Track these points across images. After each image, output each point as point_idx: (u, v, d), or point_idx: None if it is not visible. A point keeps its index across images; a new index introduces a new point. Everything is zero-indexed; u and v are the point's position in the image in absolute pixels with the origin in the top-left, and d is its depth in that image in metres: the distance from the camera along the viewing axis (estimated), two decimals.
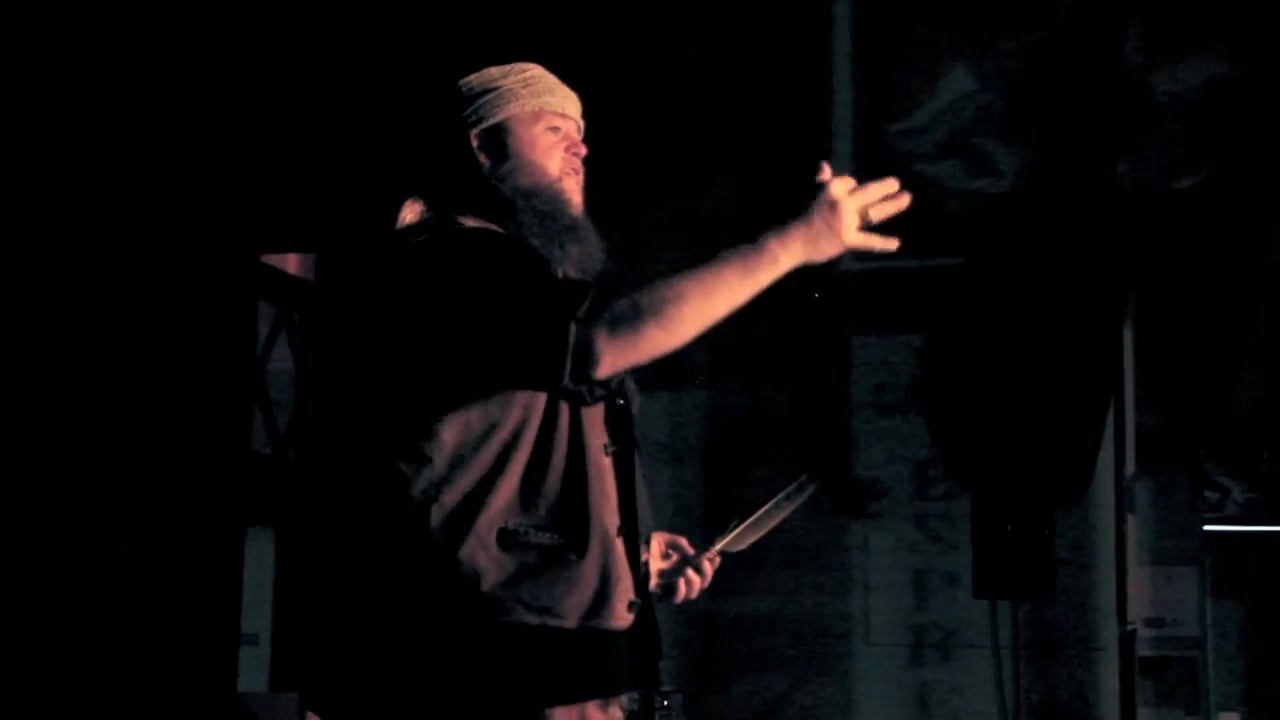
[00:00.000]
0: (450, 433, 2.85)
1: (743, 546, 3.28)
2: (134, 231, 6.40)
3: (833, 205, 2.86)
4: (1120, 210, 6.97)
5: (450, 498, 2.83)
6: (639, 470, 3.07)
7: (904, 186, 2.99)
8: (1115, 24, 7.23)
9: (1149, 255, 6.89)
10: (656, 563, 3.22)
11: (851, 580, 7.42)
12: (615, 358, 2.75)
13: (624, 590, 2.87)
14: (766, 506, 3.27)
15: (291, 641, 7.50)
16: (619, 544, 2.88)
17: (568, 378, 2.74)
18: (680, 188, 7.28)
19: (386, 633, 2.90)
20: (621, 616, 2.86)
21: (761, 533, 3.29)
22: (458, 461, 2.85)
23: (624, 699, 2.92)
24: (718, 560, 3.24)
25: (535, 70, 3.16)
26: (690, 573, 3.20)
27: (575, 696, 2.81)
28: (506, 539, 2.82)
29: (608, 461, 2.92)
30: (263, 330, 7.62)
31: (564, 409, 2.87)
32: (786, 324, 7.40)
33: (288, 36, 6.41)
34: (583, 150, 3.14)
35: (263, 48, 6.42)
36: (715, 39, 7.08)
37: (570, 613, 2.81)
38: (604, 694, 2.85)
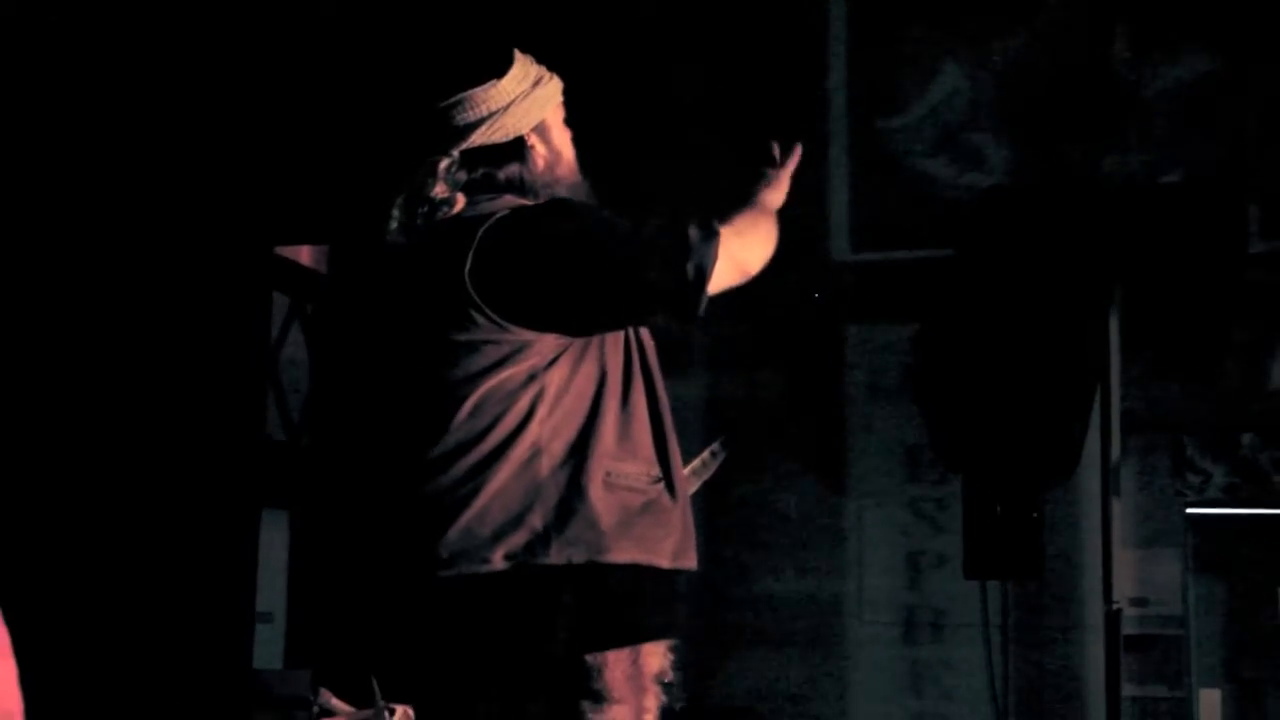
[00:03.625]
0: (553, 387, 2.92)
1: None
2: (153, 226, 6.40)
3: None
4: (1107, 204, 6.92)
5: (557, 446, 2.89)
6: None
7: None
8: (1103, 24, 7.23)
9: (1135, 248, 6.85)
10: None
11: (846, 561, 7.42)
12: (719, 282, 2.93)
13: (693, 535, 3.01)
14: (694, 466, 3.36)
15: (305, 619, 7.55)
16: (685, 490, 3.03)
17: (701, 308, 2.91)
18: (678, 182, 7.31)
19: (431, 589, 2.94)
20: (693, 560, 3.00)
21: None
22: (562, 413, 2.91)
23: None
24: None
25: (532, 62, 3.21)
26: None
27: (669, 632, 2.93)
28: (611, 483, 2.89)
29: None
30: (277, 320, 7.64)
31: (636, 364, 3.00)
32: (783, 313, 7.44)
33: (302, 36, 6.39)
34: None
35: (278, 50, 6.41)
36: (713, 38, 7.07)
37: (665, 553, 2.91)
38: (663, 635, 2.95)
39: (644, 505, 2.90)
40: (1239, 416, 6.98)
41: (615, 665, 2.85)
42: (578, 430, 2.90)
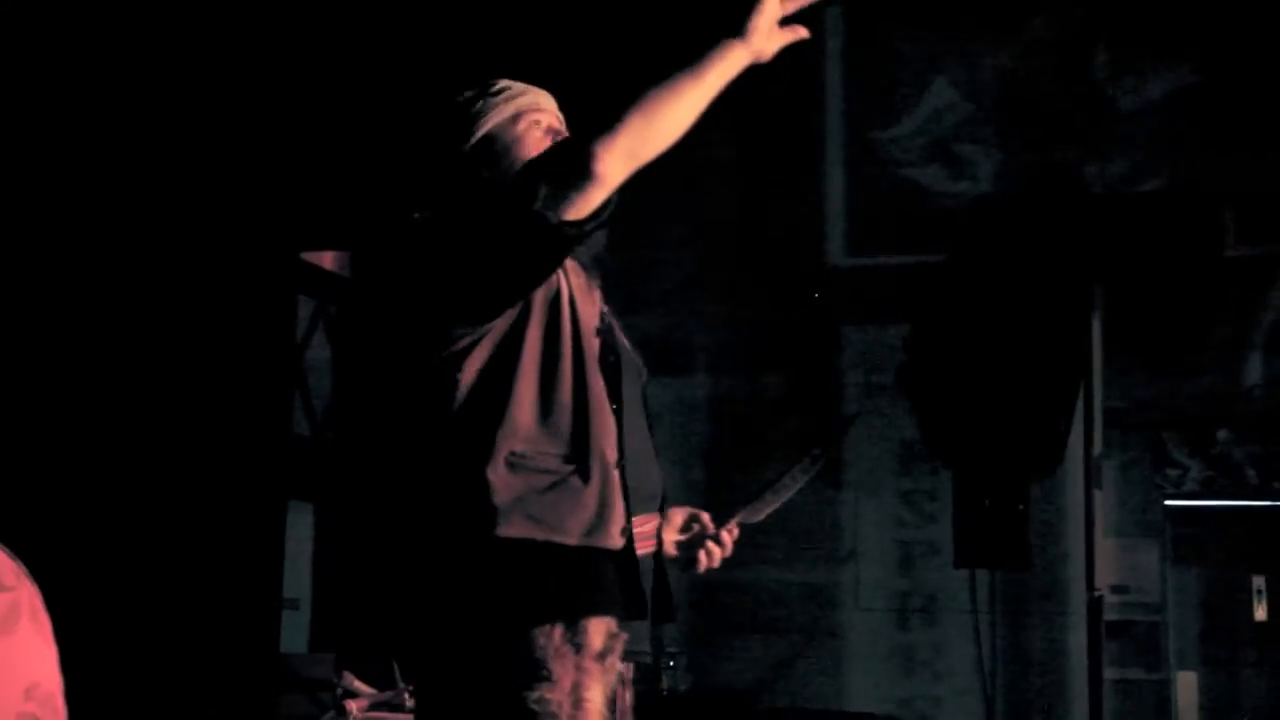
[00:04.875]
0: (469, 373, 2.91)
1: (759, 518, 3.29)
2: (186, 233, 6.43)
3: (760, 10, 2.96)
4: (1089, 211, 6.95)
5: (474, 430, 2.88)
6: (643, 428, 3.13)
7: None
8: (1085, 40, 7.22)
9: (1116, 252, 6.84)
10: (672, 534, 3.24)
11: (843, 551, 7.41)
12: (611, 159, 2.80)
13: (618, 516, 2.91)
14: (783, 480, 3.27)
15: (329, 606, 7.56)
16: (616, 475, 2.93)
17: (593, 168, 2.79)
18: (682, 190, 7.30)
19: (413, 568, 2.95)
20: (615, 538, 2.90)
21: (777, 504, 3.29)
22: (481, 399, 2.90)
23: (622, 652, 2.91)
24: (736, 532, 3.25)
25: (504, 82, 3.22)
26: (710, 544, 3.22)
27: (571, 611, 2.83)
28: (515, 462, 2.86)
29: (608, 403, 2.99)
30: (302, 321, 7.66)
31: (566, 351, 2.94)
32: (784, 315, 7.44)
33: (323, 60, 6.42)
34: (565, 133, 3.19)
35: (302, 73, 6.43)
36: (709, 49, 7.07)
37: (572, 531, 2.85)
38: (598, 612, 2.85)
39: (550, 485, 2.87)
40: (1215, 413, 6.96)
41: (539, 642, 2.80)
42: (489, 413, 2.89)
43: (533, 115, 3.18)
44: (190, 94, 6.29)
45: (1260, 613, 6.81)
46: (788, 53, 3.08)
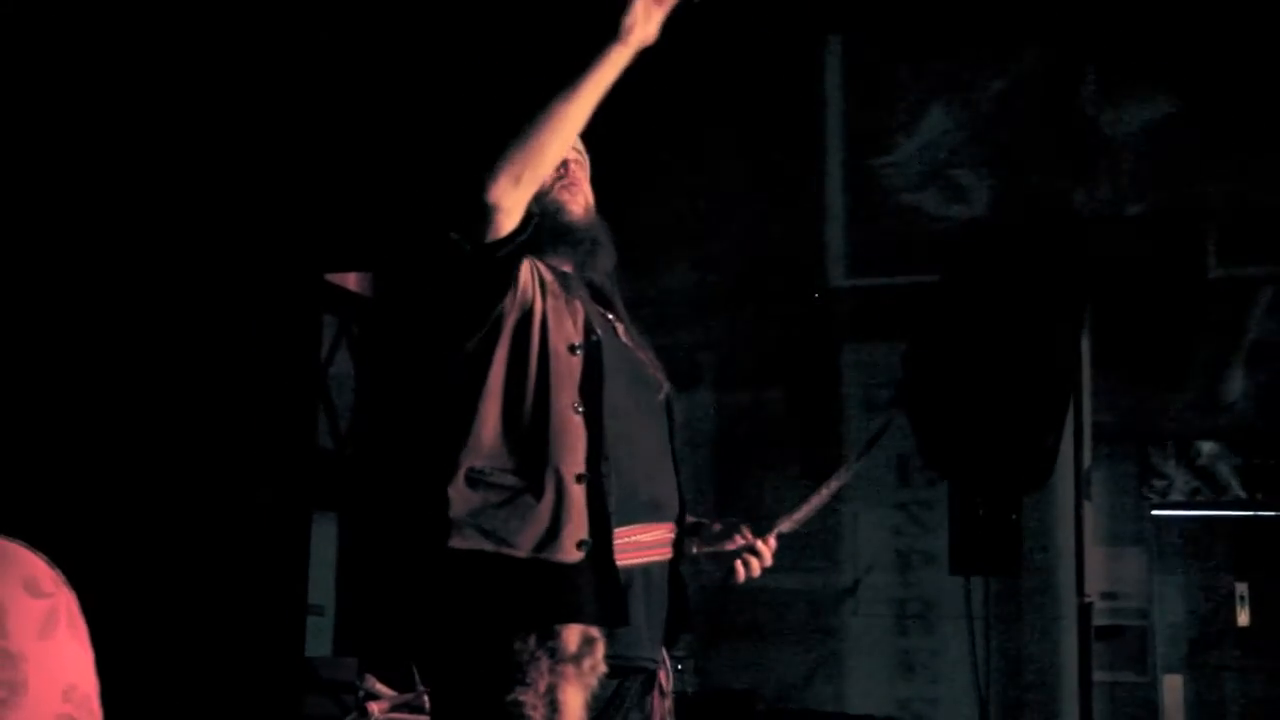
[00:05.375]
0: (446, 392, 2.99)
1: (794, 528, 3.26)
2: (217, 257, 6.47)
3: (631, 7, 2.90)
4: (1078, 234, 6.98)
5: (443, 446, 2.94)
6: (656, 440, 3.12)
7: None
8: (1073, 72, 7.25)
9: (1103, 274, 6.90)
10: (700, 545, 3.22)
11: (843, 559, 7.44)
12: (497, 187, 2.83)
13: (574, 530, 2.88)
14: (818, 492, 3.25)
15: (352, 612, 7.60)
16: (576, 490, 2.91)
17: (483, 198, 2.83)
18: (690, 216, 7.35)
19: (406, 577, 3.03)
20: (570, 552, 2.87)
21: (811, 515, 3.27)
22: (452, 416, 2.96)
23: (602, 653, 2.90)
24: (774, 543, 3.22)
25: None
26: (749, 556, 3.19)
27: (530, 619, 2.84)
28: (473, 478, 2.91)
29: (577, 419, 2.95)
30: (326, 340, 7.68)
31: (532, 371, 2.96)
32: (786, 332, 7.47)
33: (350, 90, 6.42)
34: (572, 166, 3.18)
35: (327, 109, 6.44)
36: (724, 85, 7.06)
37: (523, 544, 2.86)
38: (554, 619, 2.85)
39: (503, 500, 2.89)
40: (1199, 427, 6.99)
41: (516, 648, 2.83)
42: (456, 431, 2.94)
43: None
44: (225, 130, 6.31)
45: (1243, 618, 6.85)
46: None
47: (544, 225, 3.08)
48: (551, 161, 2.94)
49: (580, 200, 3.19)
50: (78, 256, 6.02)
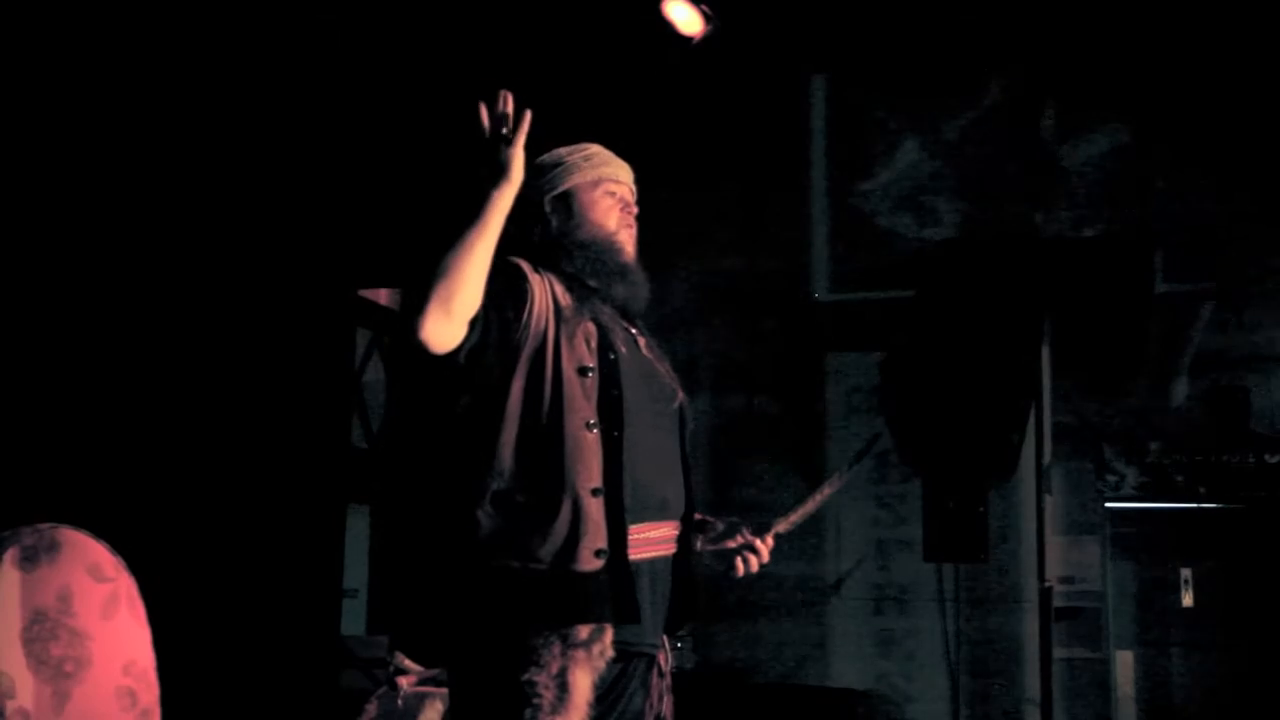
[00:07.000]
0: (470, 420, 2.97)
1: (789, 529, 3.25)
2: (259, 274, 6.46)
3: (508, 152, 2.86)
4: (1038, 254, 6.98)
5: (470, 472, 2.94)
6: (667, 445, 3.09)
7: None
8: (1034, 105, 7.24)
9: (1061, 290, 6.88)
10: (706, 542, 3.21)
11: (826, 548, 7.42)
12: (427, 324, 2.78)
13: (591, 541, 2.88)
14: (813, 495, 3.25)
15: (383, 595, 7.59)
16: (592, 504, 2.90)
17: (419, 337, 2.79)
18: (688, 240, 7.36)
19: (435, 579, 3.04)
20: (589, 561, 2.87)
21: (805, 518, 3.26)
22: (476, 444, 2.95)
23: (609, 642, 2.91)
24: (772, 542, 3.21)
25: (594, 148, 3.20)
26: (748, 554, 3.19)
27: (551, 622, 2.85)
28: (498, 499, 2.91)
29: (592, 435, 2.93)
30: (360, 350, 7.71)
31: (547, 396, 2.94)
32: (775, 344, 7.47)
33: (382, 108, 6.36)
34: (634, 210, 3.18)
35: (358, 131, 6.39)
36: (722, 118, 7.10)
37: (544, 557, 2.86)
38: (573, 621, 2.86)
39: (524, 518, 2.88)
40: (1148, 428, 6.98)
41: (532, 638, 2.85)
42: (482, 457, 2.93)
43: (610, 185, 3.16)
44: (262, 150, 6.27)
45: (1187, 600, 6.80)
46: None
47: (603, 261, 3.09)
48: (475, 287, 2.82)
49: (633, 243, 3.18)
50: (150, 277, 5.97)
